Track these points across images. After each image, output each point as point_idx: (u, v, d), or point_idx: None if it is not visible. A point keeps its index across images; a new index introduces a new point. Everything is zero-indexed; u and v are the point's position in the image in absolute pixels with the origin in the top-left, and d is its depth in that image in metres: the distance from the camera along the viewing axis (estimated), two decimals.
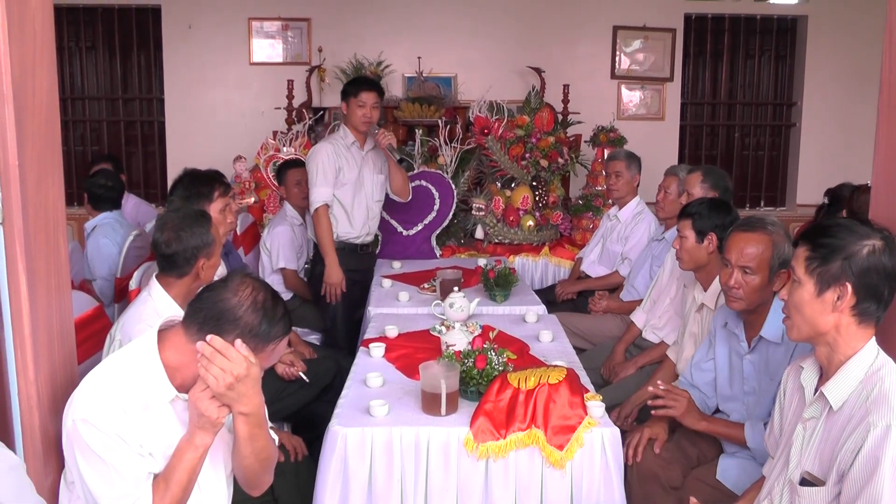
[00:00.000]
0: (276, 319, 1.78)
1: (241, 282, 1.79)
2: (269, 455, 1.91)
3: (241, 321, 1.73)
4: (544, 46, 6.57)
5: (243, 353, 1.70)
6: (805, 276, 1.79)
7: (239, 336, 1.72)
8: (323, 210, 3.98)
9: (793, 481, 1.82)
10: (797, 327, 1.83)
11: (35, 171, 1.79)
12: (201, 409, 1.70)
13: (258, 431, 1.81)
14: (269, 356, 1.81)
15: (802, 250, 1.81)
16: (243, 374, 1.68)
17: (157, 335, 1.80)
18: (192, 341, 1.74)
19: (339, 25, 6.51)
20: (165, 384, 1.76)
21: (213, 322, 1.73)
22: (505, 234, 5.14)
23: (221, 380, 1.67)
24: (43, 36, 1.83)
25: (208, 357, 1.68)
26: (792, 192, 7.14)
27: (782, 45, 7.10)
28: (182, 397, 1.78)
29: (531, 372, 2.41)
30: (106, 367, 1.79)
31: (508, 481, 2.28)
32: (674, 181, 3.83)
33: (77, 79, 6.84)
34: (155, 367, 1.76)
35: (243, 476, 1.91)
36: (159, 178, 6.91)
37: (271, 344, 1.79)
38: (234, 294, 1.75)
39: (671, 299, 3.42)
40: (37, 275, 1.81)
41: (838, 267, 1.75)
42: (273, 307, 1.79)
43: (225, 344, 1.69)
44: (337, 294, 4.01)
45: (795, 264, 1.82)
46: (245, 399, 1.72)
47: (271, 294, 1.81)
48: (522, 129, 5.17)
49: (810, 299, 1.79)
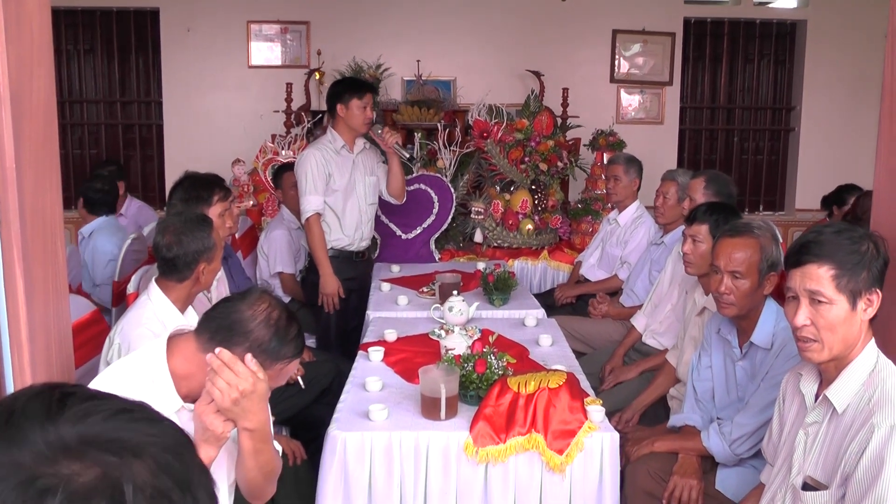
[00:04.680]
0: (288, 339, 1.77)
1: (260, 297, 1.78)
2: (274, 468, 1.89)
3: (251, 334, 1.72)
4: (543, 50, 6.56)
5: (252, 369, 1.67)
6: (836, 295, 1.74)
7: (248, 350, 1.70)
8: (314, 219, 3.88)
9: (795, 487, 1.81)
10: (828, 348, 1.77)
11: (32, 175, 1.78)
12: (206, 423, 1.67)
13: (263, 446, 1.78)
14: (276, 375, 1.80)
15: (825, 270, 1.74)
16: (249, 389, 1.65)
17: (167, 342, 1.79)
18: (202, 350, 1.73)
19: (337, 28, 6.50)
20: (172, 393, 1.74)
21: (225, 332, 1.72)
22: (504, 238, 5.13)
23: (227, 394, 1.64)
24: (40, 37, 1.82)
25: (216, 370, 1.65)
26: (791, 196, 7.13)
27: (781, 49, 7.11)
28: (188, 407, 1.76)
29: (531, 376, 2.40)
30: (112, 372, 1.77)
31: (508, 486, 2.28)
32: (672, 186, 3.82)
33: (75, 82, 6.82)
34: (162, 376, 1.74)
35: (247, 488, 1.89)
36: (157, 182, 6.89)
37: (280, 363, 1.78)
38: (250, 307, 1.75)
39: (672, 305, 3.41)
40: (34, 279, 1.79)
41: (867, 276, 1.74)
42: (286, 326, 1.78)
43: (233, 358, 1.66)
44: (335, 304, 3.95)
45: (819, 287, 1.75)
46: (250, 415, 1.69)
47: (287, 314, 1.80)
48: (522, 133, 5.16)
49: (847, 316, 1.75)
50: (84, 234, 4.33)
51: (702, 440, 2.47)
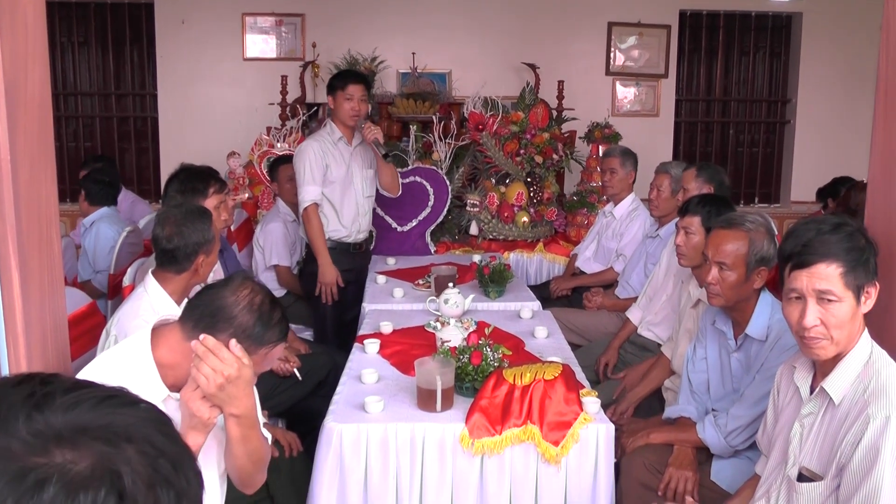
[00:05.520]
0: (272, 324, 1.78)
1: (242, 283, 1.79)
2: (262, 455, 1.90)
3: (235, 320, 1.73)
4: (539, 42, 6.56)
5: (237, 354, 1.68)
6: (845, 292, 1.75)
7: (233, 336, 1.71)
8: (312, 209, 3.91)
9: (791, 478, 1.82)
10: (836, 344, 1.77)
11: (27, 167, 1.77)
12: (192, 410, 1.68)
13: (251, 433, 1.79)
14: (262, 360, 1.81)
15: (834, 269, 1.74)
16: (234, 375, 1.66)
17: (151, 333, 1.80)
18: (186, 339, 1.74)
19: (333, 21, 6.48)
20: (157, 383, 1.75)
21: (209, 319, 1.73)
22: (499, 231, 5.13)
23: (212, 380, 1.65)
24: (35, 29, 1.81)
25: (201, 356, 1.66)
26: (786, 188, 7.15)
27: (777, 41, 7.11)
28: (174, 396, 1.76)
29: (527, 368, 2.41)
30: (98, 365, 1.78)
31: (503, 477, 2.28)
32: (665, 178, 3.83)
33: (69, 74, 6.79)
34: (147, 366, 1.75)
35: (237, 476, 1.90)
36: (152, 175, 6.87)
37: (264, 348, 1.79)
38: (233, 293, 1.76)
39: (667, 296, 3.42)
40: (30, 271, 1.79)
41: (866, 270, 1.76)
42: (270, 311, 1.78)
43: (218, 344, 1.67)
44: (334, 293, 3.96)
45: (830, 286, 1.75)
46: (236, 401, 1.69)
47: (270, 298, 1.81)
48: (517, 126, 5.16)
49: (853, 312, 1.76)
50: (86, 225, 4.35)
51: (697, 432, 2.48)
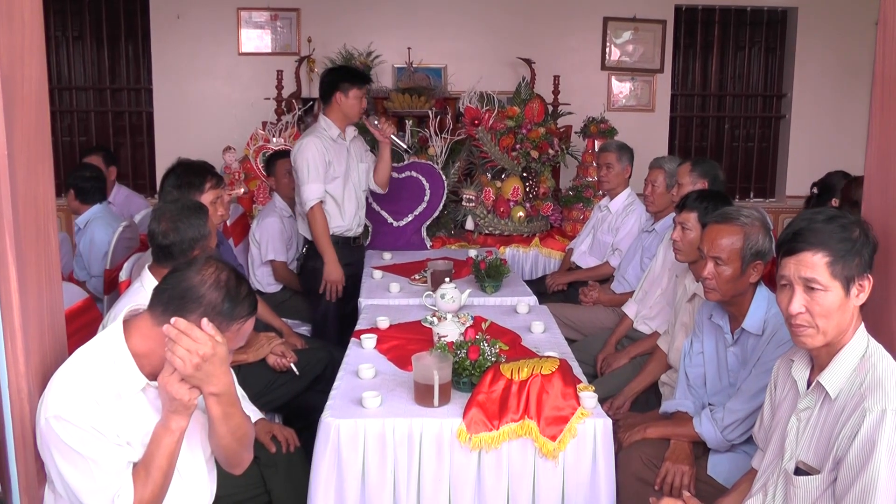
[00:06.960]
0: (240, 298, 1.80)
1: (206, 262, 1.81)
2: (246, 432, 1.92)
3: (203, 299, 1.75)
4: (534, 37, 6.55)
5: (210, 332, 1.70)
6: (831, 282, 1.75)
7: (203, 315, 1.73)
8: (318, 207, 3.89)
9: (787, 472, 1.83)
10: (823, 334, 1.77)
11: (24, 162, 1.77)
12: (172, 393, 1.71)
13: (232, 410, 1.81)
14: (235, 336, 1.83)
15: (820, 257, 1.75)
16: (209, 353, 1.69)
17: (123, 325, 1.81)
18: (158, 324, 1.75)
19: (328, 16, 6.47)
20: (135, 373, 1.77)
21: (178, 301, 1.75)
22: (495, 225, 5.13)
23: (188, 361, 1.67)
24: (31, 24, 1.81)
25: (174, 339, 1.68)
26: (781, 183, 7.15)
27: (772, 36, 7.10)
28: (153, 384, 1.79)
29: (524, 363, 2.41)
30: (73, 362, 1.79)
31: (501, 472, 2.28)
32: (660, 174, 3.83)
33: (64, 69, 6.76)
34: (123, 357, 1.77)
35: (223, 456, 1.91)
36: (148, 169, 6.85)
37: (236, 323, 1.81)
38: (198, 273, 1.78)
39: (662, 290, 3.43)
40: (27, 266, 1.79)
41: (859, 262, 1.76)
42: (237, 286, 1.80)
43: (189, 325, 1.69)
44: (339, 291, 3.97)
45: (814, 275, 1.75)
46: (214, 379, 1.72)
47: (235, 274, 1.83)
48: (513, 120, 5.16)
49: (841, 302, 1.76)
50: (80, 225, 4.32)
51: (694, 426, 2.48)
